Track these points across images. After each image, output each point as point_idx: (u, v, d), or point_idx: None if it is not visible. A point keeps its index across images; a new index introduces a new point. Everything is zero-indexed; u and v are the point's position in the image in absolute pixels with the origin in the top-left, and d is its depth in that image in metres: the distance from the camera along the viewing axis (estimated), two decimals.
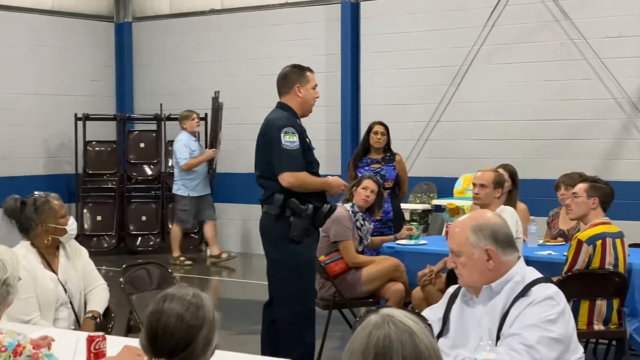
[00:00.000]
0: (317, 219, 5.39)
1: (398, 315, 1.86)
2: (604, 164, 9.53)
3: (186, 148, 10.87)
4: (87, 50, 12.99)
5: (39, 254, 4.42)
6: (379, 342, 1.81)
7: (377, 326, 1.84)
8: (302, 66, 5.59)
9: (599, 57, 9.55)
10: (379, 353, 1.80)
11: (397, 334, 1.82)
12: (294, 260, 5.38)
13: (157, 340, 2.38)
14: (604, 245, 5.28)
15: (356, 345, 1.84)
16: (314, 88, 5.53)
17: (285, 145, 5.25)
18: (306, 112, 5.55)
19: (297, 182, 5.27)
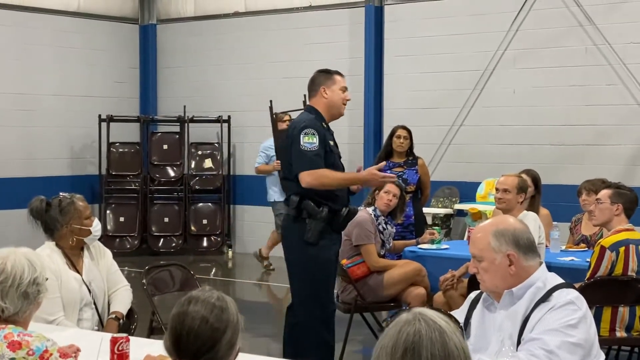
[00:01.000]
0: (336, 223, 5.35)
1: (429, 313, 1.89)
2: (628, 169, 9.48)
3: (264, 152, 10.60)
4: (111, 52, 13.08)
5: (63, 255, 4.45)
6: (408, 337, 1.83)
7: (408, 323, 1.86)
8: (330, 70, 5.57)
9: (623, 63, 9.50)
10: (408, 348, 1.82)
11: (427, 331, 1.84)
12: (310, 263, 5.34)
13: (182, 342, 2.40)
14: (627, 252, 5.26)
15: (386, 340, 1.86)
16: (343, 90, 5.46)
17: (304, 146, 5.22)
18: (335, 114, 5.48)
19: (315, 182, 5.21)
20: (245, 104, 12.57)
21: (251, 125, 12.56)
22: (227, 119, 12.52)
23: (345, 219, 5.40)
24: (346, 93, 5.48)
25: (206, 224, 12.48)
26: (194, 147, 12.64)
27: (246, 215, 12.74)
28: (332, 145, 5.37)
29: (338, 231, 5.47)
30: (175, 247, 12.37)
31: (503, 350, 2.76)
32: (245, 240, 12.69)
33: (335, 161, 5.38)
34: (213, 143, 12.69)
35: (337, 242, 5.51)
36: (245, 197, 12.73)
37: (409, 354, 1.82)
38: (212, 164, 12.56)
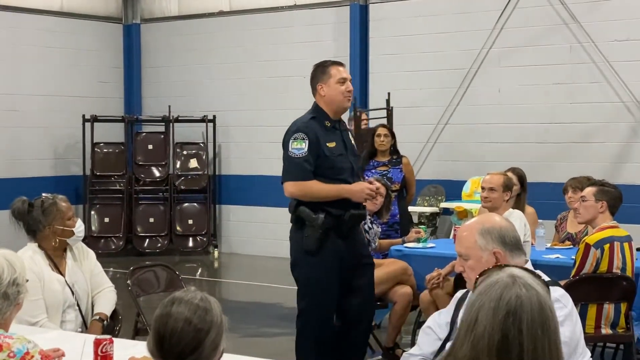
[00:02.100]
0: (340, 229, 5.06)
1: (525, 276, 1.97)
2: (612, 167, 9.51)
3: None
4: (95, 52, 13.02)
5: (46, 256, 4.42)
6: (510, 301, 1.91)
7: (508, 286, 1.93)
8: (326, 62, 5.28)
9: (607, 61, 9.53)
10: (510, 312, 1.90)
11: (527, 295, 1.92)
12: (306, 273, 5.14)
13: (165, 344, 2.38)
14: (611, 249, 5.27)
15: (486, 301, 1.93)
16: (341, 82, 5.11)
17: (292, 152, 5.02)
18: (338, 109, 5.18)
19: (298, 192, 5.03)
20: (230, 103, 12.54)
21: (236, 124, 12.54)
22: (212, 119, 12.49)
23: (350, 223, 5.11)
24: (346, 84, 5.13)
25: (192, 224, 12.45)
26: (179, 147, 12.60)
27: (232, 215, 12.71)
28: (330, 147, 5.07)
29: (344, 238, 5.12)
30: (160, 248, 12.33)
31: None
32: (231, 240, 12.67)
33: (335, 164, 5.09)
34: (198, 143, 12.65)
35: (342, 251, 5.12)
36: (231, 197, 12.71)
37: (510, 317, 1.89)
38: (197, 164, 12.53)
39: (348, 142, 5.22)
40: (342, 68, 5.21)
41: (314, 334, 5.16)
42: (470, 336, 1.92)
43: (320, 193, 5.03)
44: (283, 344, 7.28)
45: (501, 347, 1.88)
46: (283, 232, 12.10)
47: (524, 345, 1.88)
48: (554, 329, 1.94)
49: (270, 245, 12.11)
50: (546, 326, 1.92)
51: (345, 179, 5.10)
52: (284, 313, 8.59)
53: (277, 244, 12.06)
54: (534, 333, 1.90)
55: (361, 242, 5.35)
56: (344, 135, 5.22)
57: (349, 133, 5.35)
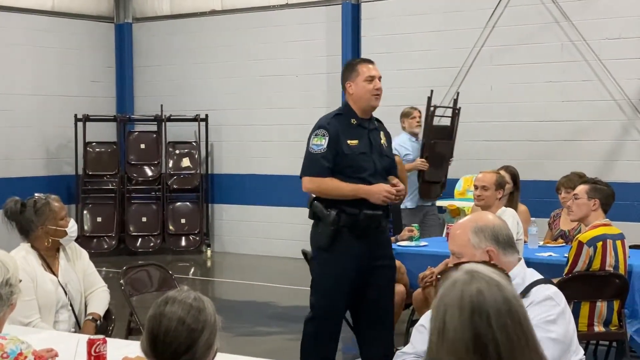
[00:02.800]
0: (355, 228, 4.99)
1: (481, 269, 1.95)
2: (605, 165, 9.54)
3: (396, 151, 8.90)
4: (87, 51, 13.00)
5: (39, 256, 4.41)
6: (472, 298, 1.89)
7: (467, 282, 1.92)
8: (355, 60, 5.26)
9: (599, 59, 9.55)
10: (475, 308, 1.88)
11: (487, 288, 1.90)
12: (318, 269, 5.13)
13: (158, 343, 2.38)
14: (604, 247, 5.28)
15: (448, 302, 1.91)
16: (369, 80, 5.04)
17: (311, 148, 5.03)
18: (366, 108, 5.10)
19: (314, 188, 5.02)
20: (222, 102, 12.53)
21: (229, 123, 12.53)
22: (205, 118, 12.48)
23: (364, 223, 5.01)
24: (375, 82, 5.06)
25: (184, 223, 12.44)
26: (171, 146, 12.59)
27: (225, 214, 12.70)
28: (351, 145, 5.02)
29: (359, 237, 5.04)
30: (153, 247, 12.31)
31: None
32: (224, 239, 12.66)
33: (355, 163, 5.01)
34: (191, 142, 12.64)
35: (357, 250, 5.03)
36: (224, 196, 12.70)
37: (476, 313, 1.87)
38: (190, 163, 12.52)
39: (375, 141, 5.13)
40: (371, 66, 5.15)
41: (319, 330, 5.13)
42: (444, 342, 1.89)
43: (335, 191, 4.99)
44: (277, 342, 7.28)
45: (476, 345, 1.86)
46: (276, 231, 12.21)
47: (497, 338, 1.86)
48: (522, 313, 1.92)
49: (263, 244, 12.11)
50: (513, 313, 1.90)
51: (365, 179, 5.02)
52: (277, 312, 8.60)
53: (269, 242, 12.07)
54: (503, 323, 1.88)
55: (380, 243, 5.19)
56: (371, 134, 5.14)
57: (381, 133, 5.24)
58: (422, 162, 8.87)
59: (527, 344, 1.90)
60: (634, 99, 9.45)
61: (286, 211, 11.94)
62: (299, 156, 12.92)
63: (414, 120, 9.12)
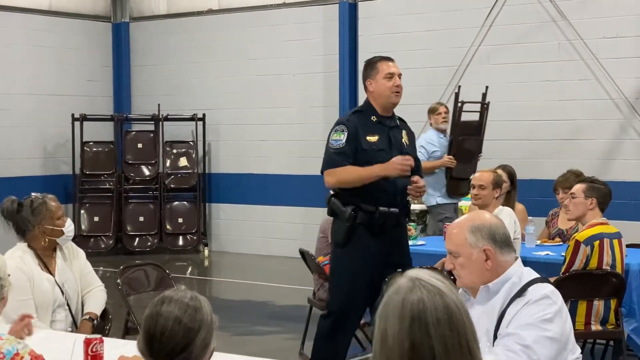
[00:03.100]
0: (371, 225, 4.99)
1: (425, 277, 1.92)
2: (602, 164, 9.54)
3: (423, 148, 8.70)
4: (84, 51, 12.99)
5: (35, 256, 4.40)
6: (413, 306, 1.87)
7: (409, 290, 1.89)
8: (375, 58, 5.24)
9: (596, 58, 9.56)
10: (414, 317, 1.86)
11: (428, 297, 1.88)
12: (334, 264, 5.15)
13: (155, 343, 2.38)
14: (601, 246, 5.29)
15: (390, 310, 1.89)
16: (388, 77, 5.08)
17: (330, 143, 5.06)
18: (386, 105, 5.13)
19: (333, 180, 5.02)
20: (220, 101, 12.53)
21: (226, 123, 12.52)
22: (202, 117, 12.47)
23: (380, 221, 5.00)
24: (394, 79, 5.08)
25: (182, 222, 12.43)
26: (168, 145, 12.58)
27: (222, 214, 12.69)
28: (370, 141, 5.03)
29: (375, 235, 5.03)
30: (150, 246, 12.30)
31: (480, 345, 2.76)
32: (221, 238, 12.65)
33: (373, 159, 5.00)
34: (188, 141, 12.64)
35: (374, 247, 5.03)
36: (221, 196, 12.69)
37: (416, 322, 1.85)
38: (187, 163, 12.51)
39: (395, 139, 5.14)
40: (391, 63, 5.16)
41: (333, 326, 5.11)
42: (383, 350, 1.88)
43: (353, 177, 4.97)
44: (274, 342, 7.28)
45: (412, 354, 1.84)
46: (273, 230, 12.20)
47: (434, 348, 1.84)
48: (462, 322, 1.89)
49: (261, 243, 12.10)
50: (453, 322, 1.87)
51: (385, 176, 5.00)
52: (274, 311, 8.60)
53: (267, 242, 12.06)
54: (442, 333, 1.85)
55: (398, 242, 5.17)
56: (392, 131, 5.15)
57: (403, 131, 5.24)
58: (449, 159, 8.67)
59: (467, 353, 1.87)
60: (631, 98, 9.46)
61: (284, 210, 11.94)
62: (296, 155, 13.02)
63: (439, 117, 8.91)
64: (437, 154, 8.73)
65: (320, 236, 6.52)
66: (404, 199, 5.11)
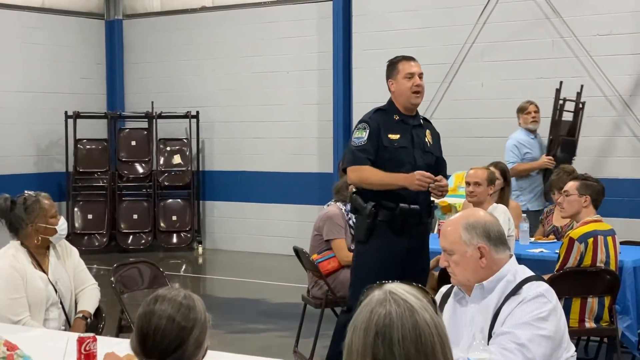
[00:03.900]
0: (393, 222, 4.99)
1: (400, 291, 1.85)
2: (596, 161, 9.55)
3: (516, 148, 8.32)
4: (77, 48, 12.95)
5: (29, 254, 4.39)
6: (379, 320, 1.80)
7: (380, 303, 1.83)
8: (397, 58, 5.29)
9: (590, 55, 9.56)
10: (379, 332, 1.79)
11: (397, 312, 1.81)
12: (356, 261, 5.17)
13: (148, 341, 2.37)
14: (595, 243, 5.29)
15: (359, 322, 1.84)
16: (408, 77, 5.14)
17: (353, 141, 5.09)
18: (406, 104, 5.16)
19: (356, 178, 5.05)
20: (213, 99, 12.51)
21: (220, 120, 12.51)
22: (196, 115, 12.45)
23: (401, 218, 4.99)
24: (415, 79, 5.14)
25: (176, 220, 12.41)
26: (162, 143, 12.56)
27: (216, 211, 12.68)
28: (392, 139, 5.05)
29: (396, 232, 5.04)
30: (144, 244, 12.29)
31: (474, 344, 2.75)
32: (215, 236, 12.64)
33: (394, 156, 5.03)
34: (182, 139, 12.62)
35: (396, 245, 5.02)
36: (215, 193, 12.68)
37: (380, 338, 1.79)
38: (181, 160, 12.49)
39: (418, 138, 5.14)
40: (413, 63, 5.21)
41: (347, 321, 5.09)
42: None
43: (375, 179, 5.00)
44: (268, 339, 7.27)
45: None
46: (267, 228, 12.19)
47: None
48: (431, 343, 1.80)
49: (255, 241, 12.09)
50: (421, 342, 1.79)
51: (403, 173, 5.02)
52: (268, 309, 8.59)
53: (261, 239, 12.05)
54: (406, 352, 1.78)
55: (420, 241, 5.15)
56: (415, 130, 5.16)
57: (427, 130, 5.26)
58: (548, 160, 8.14)
59: None
60: (625, 96, 9.46)
61: (278, 208, 11.93)
62: (290, 153, 13.01)
63: (529, 116, 8.38)
64: (529, 155, 8.26)
65: (314, 234, 6.51)
66: (427, 197, 5.11)
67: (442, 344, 1.82)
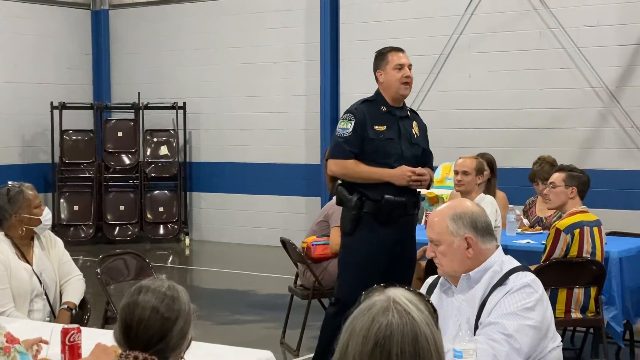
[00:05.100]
0: (378, 214, 4.96)
1: (403, 301, 1.79)
2: (582, 152, 9.57)
3: None
4: (63, 38, 12.88)
5: (13, 245, 4.37)
6: (380, 331, 1.75)
7: (382, 312, 1.77)
8: (385, 48, 5.25)
9: (576, 46, 9.57)
10: (378, 343, 1.74)
11: (399, 324, 1.75)
12: (342, 252, 5.15)
13: (132, 332, 2.35)
14: (581, 234, 5.30)
15: (358, 327, 1.78)
16: (398, 68, 5.10)
17: (337, 132, 5.06)
18: (395, 96, 5.13)
19: (339, 171, 5.03)
20: (200, 90, 12.47)
21: (207, 111, 12.47)
22: (183, 106, 12.40)
23: (387, 209, 4.97)
24: (404, 70, 5.10)
25: (162, 211, 12.38)
26: (149, 134, 12.51)
27: (203, 203, 12.65)
28: (377, 130, 5.01)
29: (382, 224, 5.01)
30: (131, 236, 12.25)
31: (460, 334, 2.75)
32: (202, 227, 12.62)
33: (380, 148, 5.00)
34: (168, 130, 12.57)
35: (382, 237, 5.01)
36: (202, 184, 12.65)
37: (378, 349, 1.73)
38: (167, 151, 12.45)
39: (404, 130, 5.11)
40: (402, 54, 5.18)
41: (339, 315, 5.07)
42: None
43: (360, 174, 5.00)
44: (256, 331, 7.27)
45: None
46: (254, 219, 12.16)
47: None
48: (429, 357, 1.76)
49: (242, 232, 12.08)
50: (419, 358, 1.74)
51: (389, 164, 5.00)
52: (255, 300, 8.58)
53: (248, 231, 12.04)
54: None
55: (407, 232, 5.13)
56: (402, 122, 5.13)
57: (414, 122, 5.22)
58: None
59: None
60: (611, 87, 9.48)
61: (265, 199, 11.91)
62: (278, 144, 12.97)
63: None
64: None
65: (320, 220, 6.42)
66: (412, 189, 5.08)
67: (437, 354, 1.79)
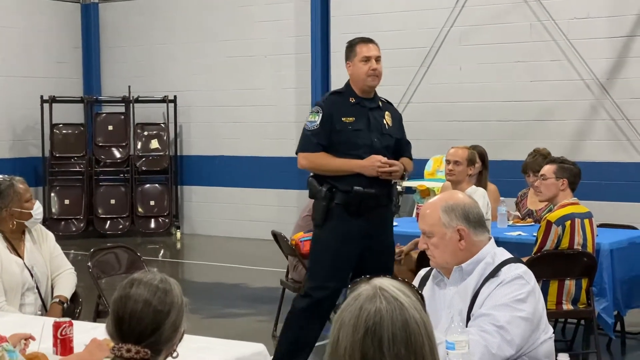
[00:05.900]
0: (349, 206, 4.93)
1: (390, 288, 1.80)
2: (573, 144, 9.59)
3: None
4: (53, 32, 12.82)
5: (4, 239, 4.36)
6: (369, 317, 1.76)
7: (369, 299, 1.78)
8: (354, 40, 5.20)
9: (567, 39, 9.58)
10: (369, 329, 1.75)
11: (388, 309, 1.76)
12: (313, 244, 5.14)
13: (124, 326, 2.35)
14: (572, 226, 5.31)
15: (347, 317, 1.79)
16: (364, 60, 5.04)
17: (305, 125, 5.06)
18: (363, 87, 5.07)
19: (307, 164, 5.02)
20: (191, 83, 12.44)
21: (197, 105, 12.44)
22: (173, 99, 12.37)
23: (357, 200, 4.93)
24: (370, 62, 5.04)
25: (153, 205, 12.36)
26: (139, 127, 12.48)
27: (194, 196, 12.64)
28: (345, 122, 4.98)
29: (353, 215, 4.97)
30: (122, 229, 12.22)
31: (452, 326, 2.75)
32: (194, 221, 12.60)
33: (349, 139, 4.98)
34: (159, 123, 12.54)
35: (353, 228, 4.96)
36: (193, 178, 12.63)
37: (369, 336, 1.75)
38: (158, 145, 12.42)
39: (374, 121, 5.08)
40: (371, 45, 5.13)
41: (307, 307, 5.05)
42: (335, 357, 1.78)
43: (329, 166, 4.99)
44: (247, 324, 7.27)
45: None
46: (245, 213, 12.15)
47: None
48: (420, 343, 1.77)
49: (233, 225, 12.07)
50: (411, 342, 1.75)
51: (359, 155, 4.97)
52: (247, 293, 8.58)
53: (239, 224, 12.03)
54: (396, 352, 1.74)
55: (379, 224, 5.08)
56: (372, 113, 5.10)
57: (386, 112, 5.18)
58: None
59: None
60: (602, 79, 9.50)
61: (256, 192, 11.90)
62: (268, 137, 12.95)
63: None
64: None
65: (305, 215, 6.44)
66: (384, 180, 5.03)
67: (431, 343, 1.80)
